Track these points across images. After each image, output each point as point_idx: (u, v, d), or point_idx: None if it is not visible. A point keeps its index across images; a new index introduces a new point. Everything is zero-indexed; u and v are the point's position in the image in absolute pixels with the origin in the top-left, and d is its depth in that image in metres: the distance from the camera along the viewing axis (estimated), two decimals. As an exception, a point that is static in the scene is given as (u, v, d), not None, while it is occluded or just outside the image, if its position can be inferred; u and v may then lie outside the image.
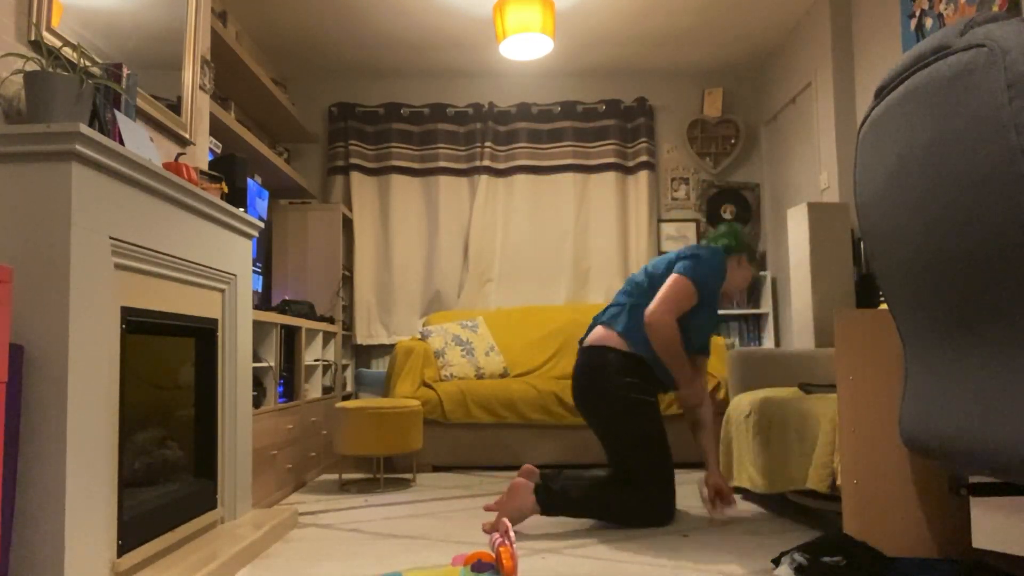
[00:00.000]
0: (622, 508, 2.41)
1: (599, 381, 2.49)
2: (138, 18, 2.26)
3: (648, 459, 2.44)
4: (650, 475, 2.43)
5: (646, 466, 2.44)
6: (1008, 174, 1.02)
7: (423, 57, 4.66)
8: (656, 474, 2.44)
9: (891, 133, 1.29)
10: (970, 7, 2.82)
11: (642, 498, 2.42)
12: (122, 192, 1.71)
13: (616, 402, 2.46)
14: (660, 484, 2.43)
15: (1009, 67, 1.02)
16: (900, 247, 1.31)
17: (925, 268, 1.25)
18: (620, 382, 2.46)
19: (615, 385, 2.46)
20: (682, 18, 4.18)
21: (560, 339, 4.27)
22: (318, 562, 2.07)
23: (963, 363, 1.22)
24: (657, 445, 2.45)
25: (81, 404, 1.53)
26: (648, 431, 2.45)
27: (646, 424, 2.45)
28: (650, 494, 2.42)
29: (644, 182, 4.87)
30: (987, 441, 1.15)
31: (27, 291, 1.49)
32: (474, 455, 3.66)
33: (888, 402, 1.89)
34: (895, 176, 1.28)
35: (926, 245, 1.22)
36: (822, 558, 1.68)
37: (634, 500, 2.42)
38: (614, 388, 2.46)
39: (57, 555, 1.45)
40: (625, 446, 2.45)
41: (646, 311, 2.47)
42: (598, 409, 2.50)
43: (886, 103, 1.32)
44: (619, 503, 2.41)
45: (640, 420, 2.45)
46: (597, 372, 2.51)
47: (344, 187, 4.89)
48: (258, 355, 2.93)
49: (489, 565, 1.58)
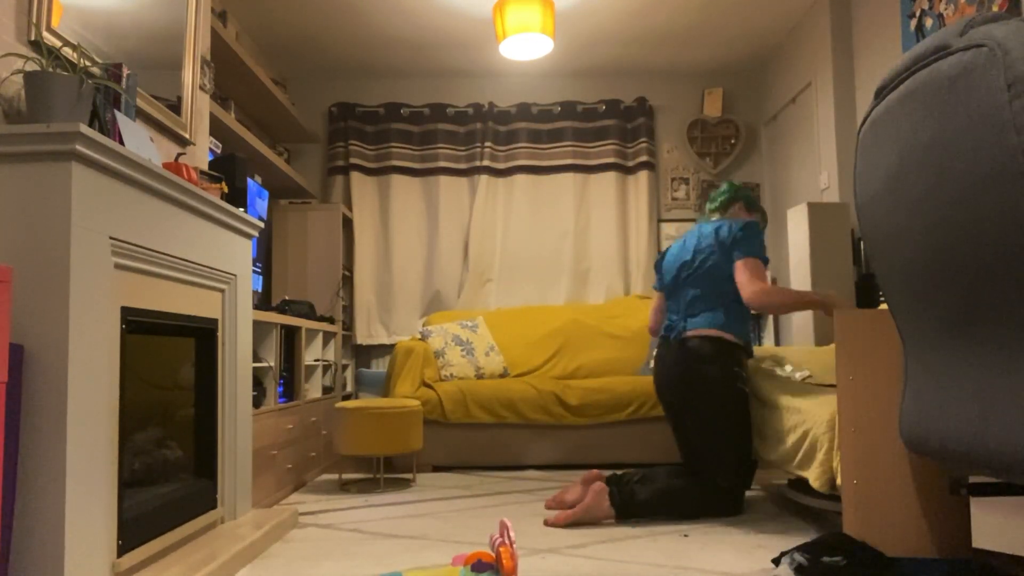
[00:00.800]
0: (701, 502, 2.51)
1: (706, 370, 2.55)
2: (138, 18, 2.26)
3: (742, 449, 2.54)
4: (739, 465, 2.53)
5: (736, 457, 2.53)
6: (1008, 174, 1.02)
7: (423, 57, 4.66)
8: (744, 465, 2.55)
9: (891, 133, 1.29)
10: (970, 7, 2.82)
11: (725, 489, 2.51)
12: (122, 192, 1.71)
13: (725, 391, 2.53)
14: (746, 475, 2.55)
15: (1009, 67, 1.02)
16: (900, 247, 1.31)
17: (925, 268, 1.25)
18: (729, 371, 2.55)
19: (725, 375, 2.55)
20: (682, 18, 4.18)
21: (560, 339, 4.27)
22: (318, 562, 2.07)
23: (963, 363, 1.22)
24: (749, 436, 2.58)
25: (81, 404, 1.53)
26: (747, 422, 2.57)
27: (746, 415, 2.57)
28: (735, 485, 2.52)
29: (644, 182, 4.87)
30: (987, 441, 1.15)
31: (27, 291, 1.49)
32: (474, 455, 3.66)
33: (888, 402, 1.89)
34: (895, 176, 1.28)
35: (926, 245, 1.22)
36: (822, 558, 1.68)
37: (712, 493, 2.51)
38: (723, 377, 2.54)
39: (57, 555, 1.45)
40: (721, 436, 2.52)
41: (746, 300, 2.54)
42: (701, 398, 2.56)
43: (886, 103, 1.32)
44: (697, 497, 2.51)
45: (743, 410, 2.56)
46: (704, 361, 2.56)
47: (344, 187, 4.89)
48: (258, 355, 2.93)
49: (489, 565, 1.58)
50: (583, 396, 3.64)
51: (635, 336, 4.27)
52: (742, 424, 2.55)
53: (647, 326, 4.26)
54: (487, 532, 2.39)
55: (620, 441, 3.65)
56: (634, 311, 4.42)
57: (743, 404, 2.56)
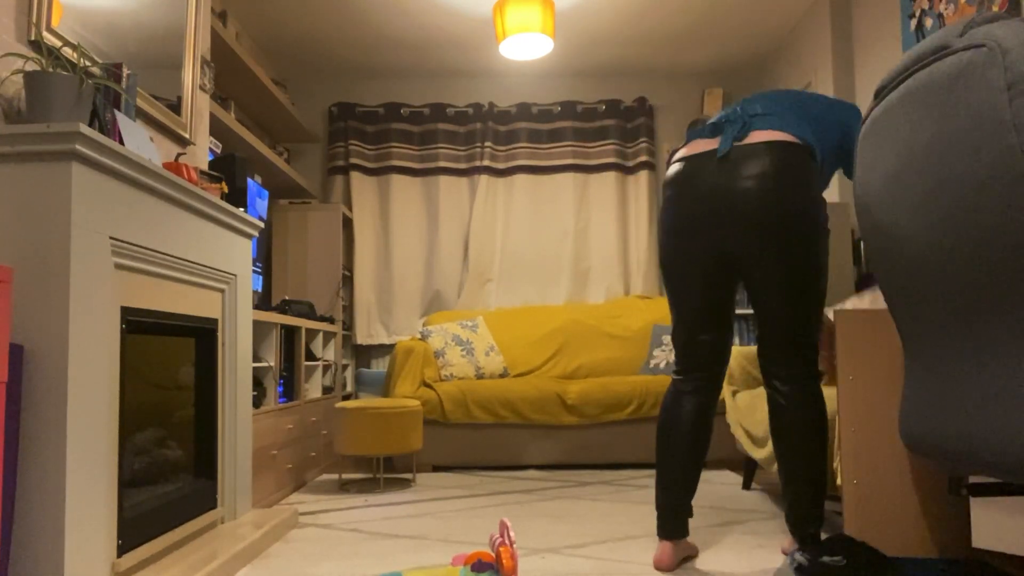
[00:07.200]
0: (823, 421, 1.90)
1: (803, 190, 1.84)
2: (138, 18, 2.26)
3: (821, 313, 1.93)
4: None
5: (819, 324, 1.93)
6: (1008, 174, 1.02)
7: (423, 57, 4.66)
8: None
9: (891, 133, 1.29)
10: (970, 7, 2.82)
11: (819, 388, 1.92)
12: (122, 192, 1.71)
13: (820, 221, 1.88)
14: None
15: (1009, 67, 1.02)
16: (900, 247, 1.31)
17: (925, 268, 1.25)
18: (820, 196, 1.90)
19: (818, 199, 1.88)
20: (682, 18, 4.18)
21: (560, 339, 4.27)
22: (318, 562, 2.07)
23: (963, 363, 1.22)
24: None
25: (81, 404, 1.53)
26: None
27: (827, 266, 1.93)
28: None
29: (644, 182, 4.87)
30: (987, 441, 1.15)
31: (27, 291, 1.49)
32: (474, 455, 3.66)
33: (888, 402, 1.89)
34: (895, 176, 1.28)
35: (926, 245, 1.22)
36: (822, 558, 1.68)
37: (821, 399, 1.90)
38: (817, 202, 1.88)
39: (57, 555, 1.45)
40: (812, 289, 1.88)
41: None
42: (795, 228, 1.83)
43: (886, 103, 1.32)
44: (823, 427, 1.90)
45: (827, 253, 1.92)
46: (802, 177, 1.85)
47: (344, 187, 4.89)
48: (258, 355, 2.93)
49: (489, 565, 1.58)
50: (583, 396, 3.64)
51: (635, 336, 4.27)
52: None
53: (648, 325, 4.26)
54: (487, 532, 2.39)
55: (620, 441, 3.65)
56: (634, 311, 4.42)
57: None
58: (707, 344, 1.99)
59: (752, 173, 1.84)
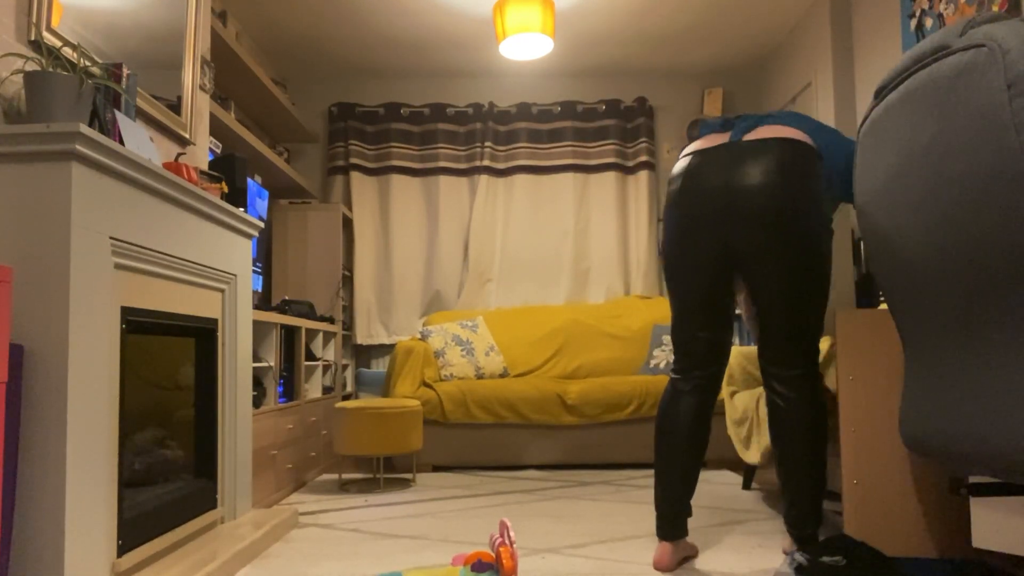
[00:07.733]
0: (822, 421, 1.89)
1: (809, 188, 1.82)
2: (138, 18, 2.26)
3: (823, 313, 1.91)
4: None
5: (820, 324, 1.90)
6: (1008, 174, 1.02)
7: (423, 57, 4.66)
8: None
9: (891, 133, 1.29)
10: (970, 7, 2.82)
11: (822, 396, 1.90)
12: (122, 192, 1.71)
13: (825, 220, 1.86)
14: None
15: (1009, 67, 1.02)
16: (900, 247, 1.31)
17: (925, 268, 1.25)
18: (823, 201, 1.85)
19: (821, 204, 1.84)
20: (682, 18, 4.18)
21: (560, 339, 4.27)
22: (318, 562, 2.07)
23: (963, 363, 1.22)
24: None
25: (81, 404, 1.53)
26: None
27: None
28: None
29: (644, 182, 4.87)
30: (988, 441, 1.15)
31: (27, 291, 1.49)
32: (474, 455, 3.66)
33: (888, 402, 1.89)
34: (895, 176, 1.28)
35: (926, 245, 1.22)
36: (822, 558, 1.68)
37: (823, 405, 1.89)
38: (821, 208, 1.84)
39: (57, 555, 1.45)
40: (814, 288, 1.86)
41: None
42: (799, 224, 1.81)
43: (886, 103, 1.32)
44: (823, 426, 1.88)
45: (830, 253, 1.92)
46: (809, 175, 1.83)
47: (344, 187, 4.88)
48: (258, 355, 2.93)
49: (489, 565, 1.58)
50: (583, 396, 3.64)
51: (635, 336, 4.27)
52: None
53: (648, 325, 4.26)
54: (487, 532, 2.39)
55: (620, 441, 3.65)
56: (634, 311, 4.42)
57: None
58: (706, 341, 1.99)
59: (760, 168, 1.83)
